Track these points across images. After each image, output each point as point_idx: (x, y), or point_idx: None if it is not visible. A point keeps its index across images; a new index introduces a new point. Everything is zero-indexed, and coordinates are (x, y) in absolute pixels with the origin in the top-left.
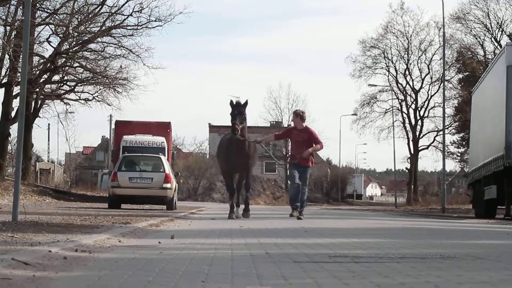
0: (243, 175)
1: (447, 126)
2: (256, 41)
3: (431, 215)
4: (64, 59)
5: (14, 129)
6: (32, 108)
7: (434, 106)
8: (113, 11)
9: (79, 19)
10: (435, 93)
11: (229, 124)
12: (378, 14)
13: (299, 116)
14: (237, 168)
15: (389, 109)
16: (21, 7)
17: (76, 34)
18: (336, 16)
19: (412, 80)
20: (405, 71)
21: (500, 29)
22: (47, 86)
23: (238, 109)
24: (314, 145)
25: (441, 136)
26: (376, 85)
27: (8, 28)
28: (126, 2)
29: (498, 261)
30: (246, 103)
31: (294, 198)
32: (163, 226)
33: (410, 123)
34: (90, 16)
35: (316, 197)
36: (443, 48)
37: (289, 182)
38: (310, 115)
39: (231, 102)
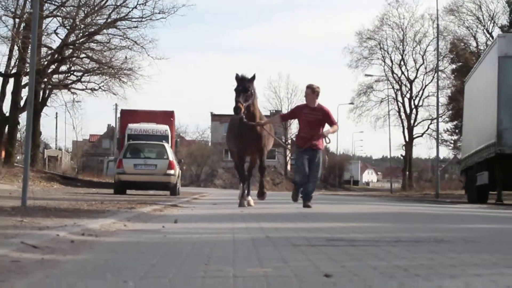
0: (256, 158)
1: (441, 115)
2: (256, 33)
3: (425, 201)
4: (71, 50)
5: (23, 118)
6: (41, 98)
7: (428, 96)
8: (118, 4)
9: (85, 12)
10: (429, 83)
11: (232, 112)
12: (374, 6)
13: (315, 92)
14: (249, 150)
15: (384, 98)
16: (29, 0)
17: (82, 26)
18: (334, 9)
19: (407, 70)
20: (400, 62)
21: (492, 21)
22: (55, 76)
23: (242, 85)
24: (330, 126)
25: (435, 124)
26: (372, 75)
27: (17, 20)
28: None
29: (489, 244)
30: (253, 77)
31: (301, 182)
32: (166, 211)
33: (405, 111)
34: (96, 8)
35: None
36: (437, 40)
37: (294, 173)
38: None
39: (236, 75)
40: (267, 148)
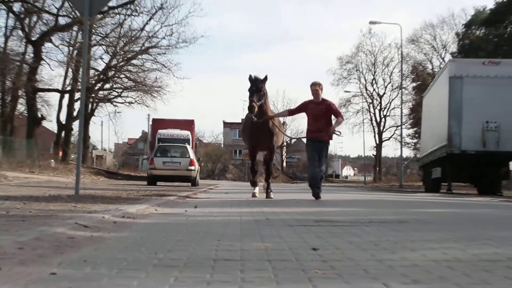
0: (268, 154)
1: (404, 123)
2: (259, 58)
3: (392, 190)
4: (113, 72)
5: (75, 125)
6: (89, 109)
7: (394, 108)
8: (150, 35)
9: (124, 41)
10: (395, 97)
11: (239, 120)
12: (352, 37)
13: (319, 86)
14: (260, 146)
15: (360, 109)
16: (80, 32)
17: (122, 52)
18: (319, 39)
19: (378, 88)
20: (372, 81)
21: (444, 48)
22: (100, 92)
23: (256, 85)
24: (335, 119)
25: (400, 130)
26: (350, 92)
27: (71, 48)
28: (160, 28)
29: (442, 225)
30: (265, 78)
31: (314, 178)
32: (188, 198)
33: (376, 120)
34: (133, 39)
35: (304, 177)
36: (401, 63)
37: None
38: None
39: (250, 76)
40: (277, 144)
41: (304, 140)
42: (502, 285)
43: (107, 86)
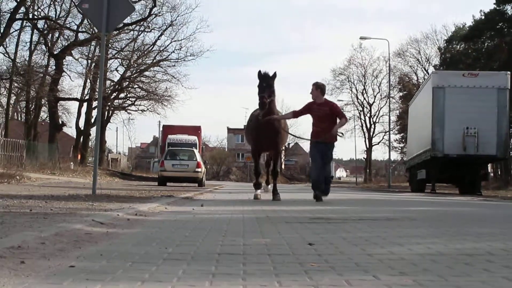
0: (272, 155)
1: (392, 129)
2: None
3: (381, 190)
4: (127, 82)
5: (93, 131)
6: (106, 116)
7: (383, 115)
8: (161, 49)
9: (137, 55)
10: (383, 106)
11: (242, 126)
12: (344, 51)
13: (319, 88)
14: (265, 146)
15: (351, 117)
16: (98, 47)
17: (135, 65)
18: (315, 52)
19: (368, 97)
20: (363, 91)
21: (428, 62)
22: (116, 101)
23: (266, 81)
24: (338, 120)
25: (388, 135)
26: (343, 100)
27: (89, 61)
28: (170, 43)
29: (426, 221)
30: (274, 75)
31: (318, 179)
32: (195, 197)
33: (366, 126)
34: (145, 52)
35: (301, 178)
36: (388, 75)
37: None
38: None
39: (259, 73)
40: (282, 143)
41: (302, 141)
42: (481, 277)
43: (122, 95)
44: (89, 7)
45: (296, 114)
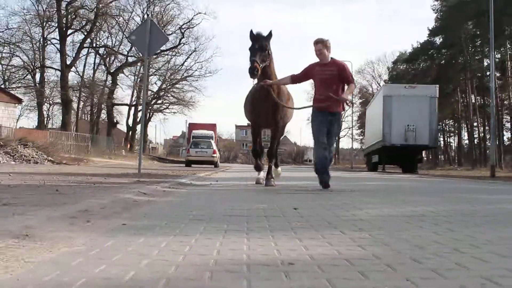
0: (272, 131)
1: (354, 126)
2: None
3: (346, 170)
4: (163, 92)
5: (138, 127)
6: (148, 117)
7: (348, 116)
8: (187, 68)
9: (170, 72)
10: (347, 109)
11: (246, 124)
12: None
13: (322, 44)
14: (263, 121)
15: None
16: (142, 67)
17: (169, 80)
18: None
19: None
20: None
21: (380, 77)
22: (155, 105)
23: (259, 43)
24: (347, 85)
25: (351, 130)
26: None
27: (136, 77)
28: (194, 64)
29: (378, 192)
30: (270, 34)
31: (322, 162)
32: (212, 175)
33: None
34: (176, 71)
35: (288, 161)
36: None
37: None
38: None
39: (251, 33)
40: (284, 121)
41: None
42: (417, 231)
43: (159, 101)
44: (136, 38)
45: (295, 80)
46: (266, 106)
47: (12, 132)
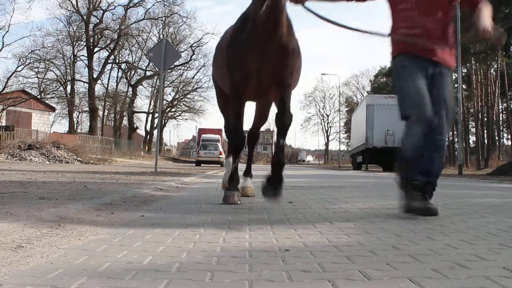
0: (266, 107)
1: (341, 130)
2: None
3: (334, 169)
4: (176, 102)
5: (155, 132)
6: (163, 123)
7: (336, 122)
8: (197, 81)
9: (183, 84)
10: (335, 116)
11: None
12: (311, 82)
13: None
14: (258, 80)
15: (316, 123)
16: (158, 79)
17: (181, 91)
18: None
19: (326, 111)
20: (323, 107)
21: (363, 89)
22: (169, 113)
23: None
24: (469, 7)
25: (339, 134)
26: (310, 113)
27: (153, 88)
28: (203, 77)
29: (363, 188)
30: None
31: (414, 156)
32: (219, 173)
33: (325, 129)
34: (188, 83)
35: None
36: (339, 97)
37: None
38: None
39: None
40: (295, 83)
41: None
42: (395, 222)
43: (173, 109)
44: (153, 55)
45: None
46: (269, 51)
47: (47, 136)
